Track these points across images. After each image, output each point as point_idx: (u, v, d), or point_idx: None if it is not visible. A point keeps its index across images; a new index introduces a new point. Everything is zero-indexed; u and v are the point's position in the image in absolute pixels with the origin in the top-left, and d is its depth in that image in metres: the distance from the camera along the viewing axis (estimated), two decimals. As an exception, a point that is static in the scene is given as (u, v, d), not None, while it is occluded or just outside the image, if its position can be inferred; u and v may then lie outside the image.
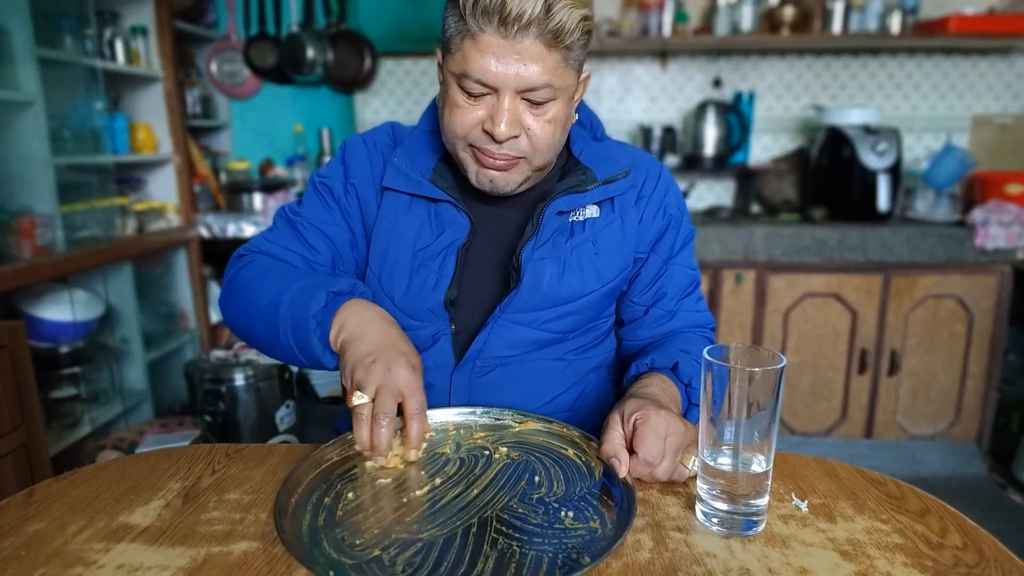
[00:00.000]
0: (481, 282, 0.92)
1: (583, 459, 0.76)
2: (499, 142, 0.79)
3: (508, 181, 0.84)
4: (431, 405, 0.88)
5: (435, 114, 0.93)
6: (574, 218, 0.90)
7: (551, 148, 0.83)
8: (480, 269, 0.92)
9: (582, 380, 0.97)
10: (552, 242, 0.89)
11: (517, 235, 0.91)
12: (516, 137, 0.80)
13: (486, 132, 0.80)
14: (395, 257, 0.91)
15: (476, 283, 0.92)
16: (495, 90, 0.77)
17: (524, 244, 0.88)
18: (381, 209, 0.92)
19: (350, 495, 0.69)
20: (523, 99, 0.78)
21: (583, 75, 0.84)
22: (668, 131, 2.67)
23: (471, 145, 0.82)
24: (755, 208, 2.70)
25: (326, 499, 0.68)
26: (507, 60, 0.75)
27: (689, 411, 0.85)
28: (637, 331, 0.97)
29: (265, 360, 2.18)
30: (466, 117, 0.80)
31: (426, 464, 0.75)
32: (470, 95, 0.79)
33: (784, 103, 2.76)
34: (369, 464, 0.74)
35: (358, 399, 0.70)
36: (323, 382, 2.71)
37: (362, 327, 0.76)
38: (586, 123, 0.97)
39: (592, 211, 0.91)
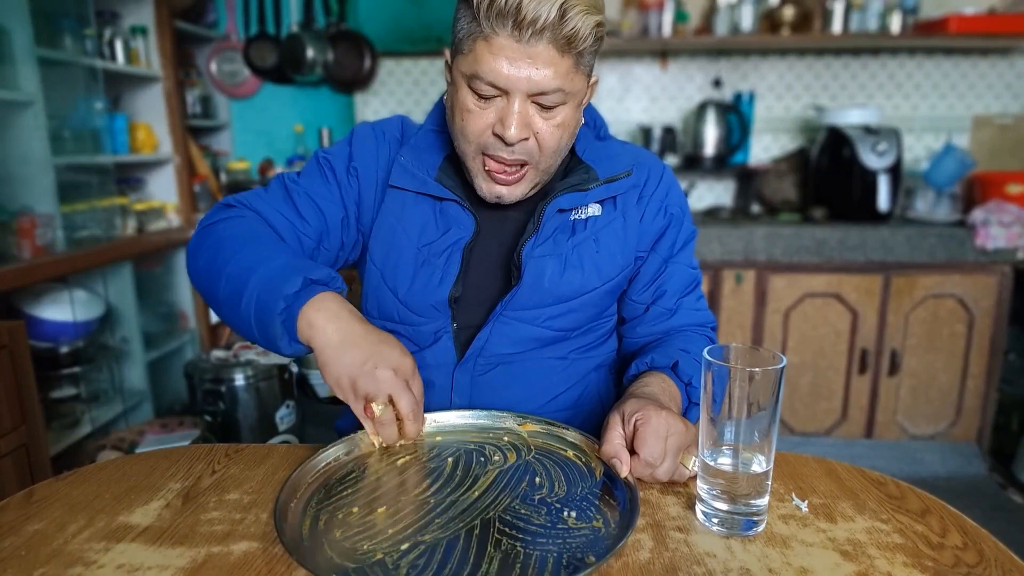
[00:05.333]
0: (484, 280, 0.92)
1: (583, 460, 0.76)
2: (509, 145, 0.80)
3: (515, 194, 0.86)
4: (433, 405, 0.90)
5: (442, 113, 0.93)
6: (576, 216, 0.91)
7: (557, 152, 0.84)
8: (483, 267, 0.92)
9: (584, 379, 0.97)
10: (553, 240, 0.90)
11: (519, 233, 0.91)
12: (525, 140, 0.80)
13: (496, 135, 0.80)
14: (399, 252, 0.91)
15: (479, 281, 0.92)
16: (505, 92, 0.77)
17: (524, 241, 0.88)
18: (385, 204, 0.92)
19: (351, 498, 0.68)
20: (533, 102, 0.79)
21: (592, 79, 0.84)
22: (668, 131, 2.67)
23: (483, 153, 0.82)
24: (755, 208, 2.70)
25: (327, 502, 0.68)
26: (519, 63, 0.75)
27: (689, 410, 0.85)
28: (637, 328, 0.98)
29: (265, 360, 2.18)
30: (477, 122, 0.80)
31: (427, 466, 0.75)
32: (480, 97, 0.79)
33: (784, 103, 2.76)
34: (378, 441, 0.78)
35: (380, 411, 0.73)
36: (323, 382, 2.70)
37: (343, 329, 0.73)
38: (589, 122, 0.97)
39: (594, 209, 0.91)
